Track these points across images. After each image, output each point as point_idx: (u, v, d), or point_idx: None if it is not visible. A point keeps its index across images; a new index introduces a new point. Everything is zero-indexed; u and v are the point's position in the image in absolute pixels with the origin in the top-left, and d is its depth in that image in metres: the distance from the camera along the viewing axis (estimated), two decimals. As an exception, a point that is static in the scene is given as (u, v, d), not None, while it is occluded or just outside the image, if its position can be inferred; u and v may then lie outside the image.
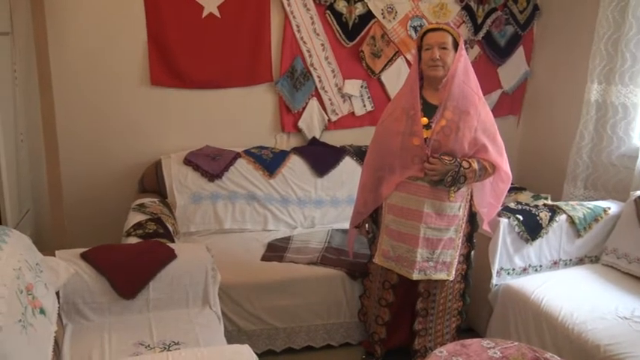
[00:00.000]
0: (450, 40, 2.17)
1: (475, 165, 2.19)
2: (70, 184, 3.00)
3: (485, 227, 2.45)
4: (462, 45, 2.20)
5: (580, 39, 3.28)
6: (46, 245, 2.74)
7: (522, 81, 3.76)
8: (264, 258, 2.72)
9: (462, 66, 2.17)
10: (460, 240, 2.31)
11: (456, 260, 2.32)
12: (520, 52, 3.70)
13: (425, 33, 2.22)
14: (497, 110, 3.56)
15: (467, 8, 3.48)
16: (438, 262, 2.28)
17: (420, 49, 2.24)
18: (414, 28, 3.40)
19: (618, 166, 2.98)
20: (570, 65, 3.41)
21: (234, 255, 2.70)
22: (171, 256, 2.13)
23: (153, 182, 3.00)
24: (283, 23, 3.19)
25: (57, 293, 1.90)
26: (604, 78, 3.00)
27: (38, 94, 2.80)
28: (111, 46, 2.98)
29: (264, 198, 3.07)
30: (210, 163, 3.02)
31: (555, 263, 2.70)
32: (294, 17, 3.18)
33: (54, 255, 2.02)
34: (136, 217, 2.57)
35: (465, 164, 2.17)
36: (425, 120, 2.19)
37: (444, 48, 2.16)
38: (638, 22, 2.81)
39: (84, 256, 2.06)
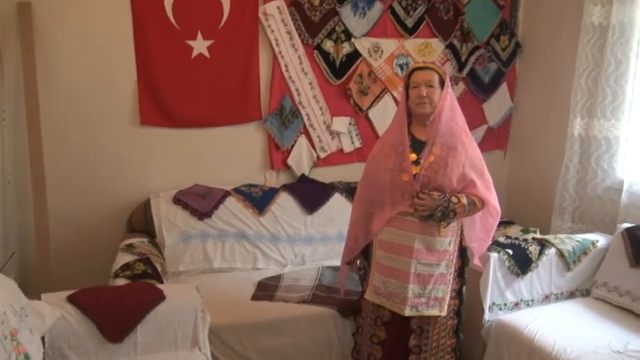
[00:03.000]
0: (436, 78, 2.23)
1: (464, 200, 2.21)
2: (58, 225, 2.96)
3: (475, 262, 2.44)
4: (447, 83, 2.25)
5: (561, 75, 3.36)
6: (32, 287, 2.69)
7: (507, 116, 3.83)
8: (255, 297, 2.68)
9: (449, 103, 2.21)
10: (451, 275, 2.31)
11: (448, 296, 2.31)
12: (504, 88, 3.78)
13: (412, 71, 2.28)
14: (484, 145, 3.61)
15: (451, 46, 3.57)
16: (430, 297, 2.27)
17: (407, 87, 2.29)
18: (400, 66, 3.47)
19: (604, 198, 3.02)
20: (553, 100, 3.49)
21: (224, 295, 2.67)
22: (159, 297, 2.09)
23: (142, 222, 2.97)
24: (272, 63, 3.25)
25: (42, 338, 1.85)
26: (586, 112, 3.06)
27: (26, 134, 2.80)
28: (101, 87, 3.00)
29: (254, 236, 3.06)
30: (200, 202, 3.01)
31: (547, 297, 2.70)
32: (282, 57, 3.24)
33: (40, 298, 1.98)
34: (124, 258, 2.54)
35: (454, 199, 2.18)
36: (414, 156, 2.22)
37: (431, 86, 2.21)
38: (616, 58, 2.90)
39: (70, 299, 2.02)
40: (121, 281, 2.32)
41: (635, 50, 2.88)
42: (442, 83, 2.25)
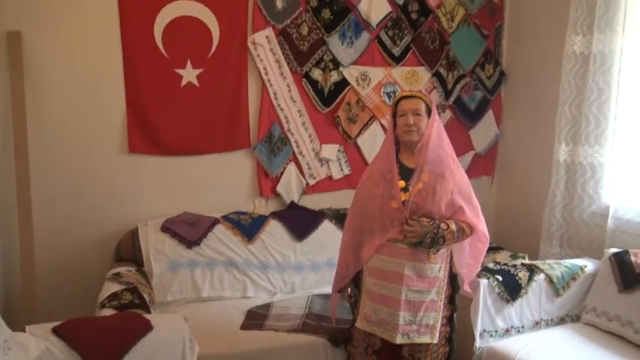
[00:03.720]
0: (423, 106, 2.26)
1: (453, 226, 2.22)
2: (44, 254, 2.92)
3: (466, 288, 2.44)
4: (434, 111, 2.29)
5: (546, 102, 3.43)
6: (17, 318, 2.64)
7: (493, 142, 3.88)
8: (244, 326, 2.65)
9: (436, 131, 2.25)
10: (442, 302, 2.30)
11: (439, 323, 2.30)
12: (490, 115, 3.84)
13: (399, 100, 2.31)
14: (471, 171, 3.65)
15: (437, 75, 3.63)
16: (421, 324, 2.25)
17: (394, 115, 2.32)
18: (388, 94, 3.52)
19: (591, 224, 3.05)
20: (538, 127, 3.55)
21: (213, 324, 2.63)
22: (147, 327, 2.05)
23: (129, 250, 2.94)
24: (261, 91, 3.28)
25: (26, 371, 1.81)
26: (571, 139, 3.11)
27: (13, 162, 2.78)
28: (89, 114, 2.99)
29: (243, 264, 3.03)
30: (189, 230, 2.99)
31: (537, 323, 2.70)
32: (271, 85, 3.27)
33: (24, 330, 1.94)
34: (111, 288, 2.50)
35: (443, 226, 2.20)
36: (402, 183, 2.24)
37: (418, 114, 2.24)
38: (598, 86, 2.96)
39: (56, 331, 1.97)
40: (108, 311, 2.28)
41: (616, 78, 2.95)
42: (429, 111, 2.28)
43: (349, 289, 2.43)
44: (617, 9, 2.88)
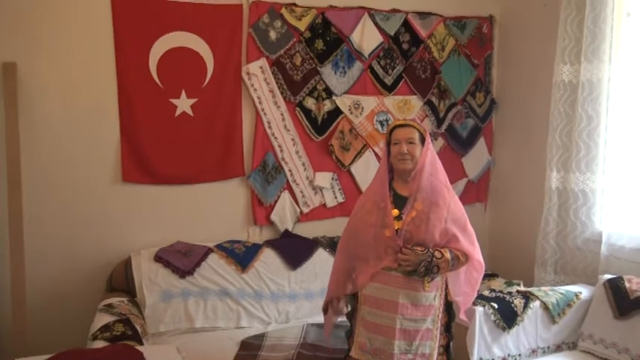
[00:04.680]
0: (416, 135, 2.28)
1: (447, 255, 2.22)
2: (35, 284, 2.89)
3: (462, 317, 2.43)
4: (428, 140, 2.30)
5: (536, 129, 3.48)
6: (7, 350, 2.59)
7: (486, 169, 3.91)
8: (238, 358, 2.61)
9: (429, 159, 2.26)
10: (438, 330, 2.28)
11: (436, 351, 2.27)
12: (481, 142, 3.88)
13: (393, 128, 2.33)
14: (465, 198, 3.67)
15: (429, 103, 3.68)
16: (417, 354, 2.23)
17: (388, 143, 2.34)
18: (380, 122, 3.56)
19: (584, 250, 3.06)
20: (530, 154, 3.59)
21: (206, 356, 2.59)
22: (139, 360, 2.03)
23: (122, 280, 2.91)
24: (255, 120, 3.31)
25: (15, 407, 1.77)
26: (562, 166, 3.15)
27: (6, 190, 2.76)
28: (83, 144, 3.00)
29: (237, 293, 3.00)
30: (182, 260, 2.97)
31: (534, 351, 2.68)
32: (265, 114, 3.30)
33: (14, 364, 1.91)
34: (103, 319, 2.47)
35: (437, 254, 2.19)
36: (396, 211, 2.24)
37: (412, 142, 2.26)
38: (587, 114, 3.02)
39: (46, 364, 1.95)
40: (100, 343, 2.24)
41: (605, 106, 3.00)
42: (423, 140, 2.30)
43: (340, 303, 2.39)
44: (602, 39, 2.95)
